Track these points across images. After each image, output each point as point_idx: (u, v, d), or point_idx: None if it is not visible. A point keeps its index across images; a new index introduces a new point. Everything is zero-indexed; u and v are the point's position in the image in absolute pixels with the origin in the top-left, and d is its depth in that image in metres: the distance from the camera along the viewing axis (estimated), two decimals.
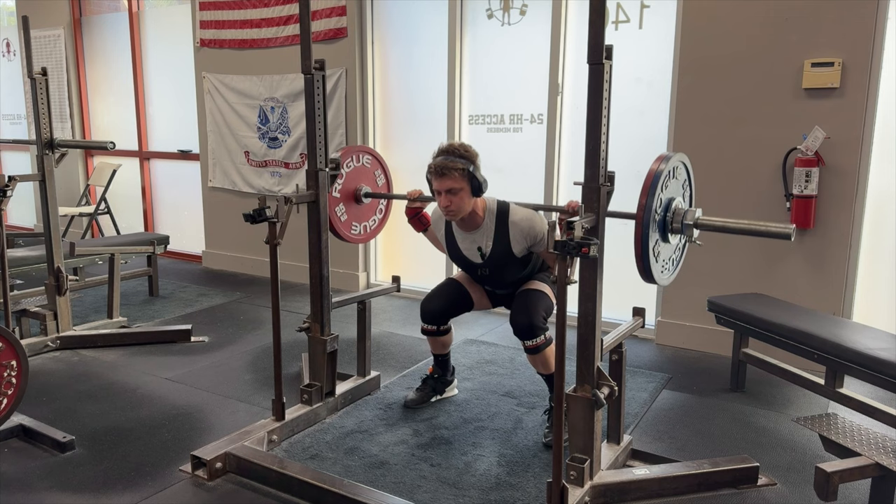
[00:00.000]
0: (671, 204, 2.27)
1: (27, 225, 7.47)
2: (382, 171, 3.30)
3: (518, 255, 2.76)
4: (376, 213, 3.34)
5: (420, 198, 2.99)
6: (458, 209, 2.68)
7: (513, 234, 2.73)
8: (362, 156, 3.20)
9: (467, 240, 2.83)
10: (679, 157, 2.31)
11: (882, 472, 2.14)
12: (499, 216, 2.76)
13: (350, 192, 3.15)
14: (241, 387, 3.33)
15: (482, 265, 2.83)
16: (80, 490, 2.41)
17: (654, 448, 2.71)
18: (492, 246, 2.78)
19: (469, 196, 2.67)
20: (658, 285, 2.33)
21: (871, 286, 3.53)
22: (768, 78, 3.50)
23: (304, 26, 2.74)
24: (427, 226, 3.04)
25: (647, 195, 2.15)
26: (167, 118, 6.29)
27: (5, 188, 3.25)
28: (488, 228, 2.77)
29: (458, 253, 2.88)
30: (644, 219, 2.15)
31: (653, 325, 4.00)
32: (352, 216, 3.19)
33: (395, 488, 2.42)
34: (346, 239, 3.20)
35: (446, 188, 2.64)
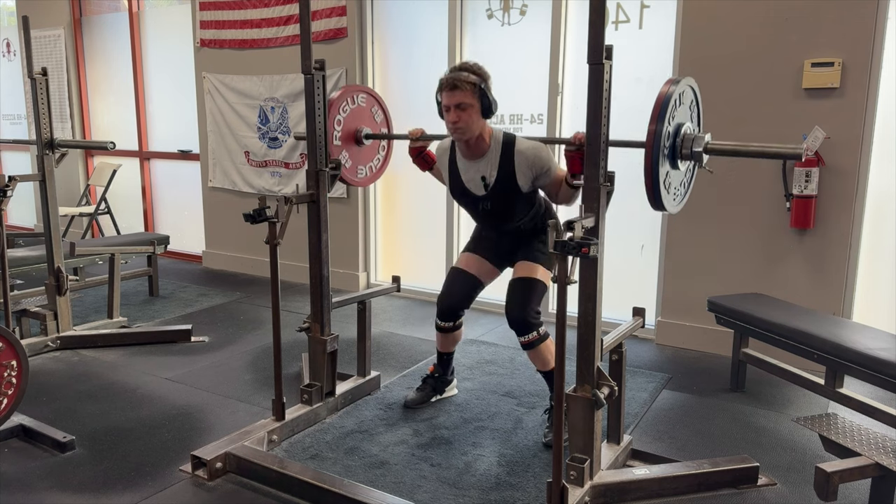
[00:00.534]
0: (680, 130, 2.20)
1: (27, 225, 7.47)
2: (379, 106, 3.23)
3: (522, 187, 2.68)
4: (379, 150, 3.28)
5: (422, 137, 2.93)
6: (465, 127, 2.61)
7: (518, 163, 2.66)
8: (357, 95, 3.11)
9: (471, 169, 2.75)
10: (687, 80, 2.23)
11: (882, 472, 2.14)
12: (505, 145, 2.68)
13: (350, 134, 3.08)
14: (241, 387, 3.33)
15: (484, 198, 2.76)
16: (80, 490, 2.41)
17: (654, 448, 2.71)
18: (496, 176, 2.69)
19: (478, 115, 2.61)
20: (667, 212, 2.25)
21: (871, 286, 3.53)
22: (768, 78, 3.50)
23: (304, 26, 2.74)
24: (432, 163, 2.97)
25: (656, 121, 2.08)
26: (167, 118, 6.29)
27: (5, 188, 3.25)
28: (493, 157, 2.70)
29: (460, 186, 2.80)
30: (654, 147, 2.08)
31: (653, 325, 4.00)
32: (355, 160, 3.12)
33: (395, 488, 2.42)
34: (354, 183, 3.16)
35: (456, 102, 2.57)
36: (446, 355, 3.13)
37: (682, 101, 2.22)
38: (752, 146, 2.22)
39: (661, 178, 2.14)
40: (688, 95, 2.26)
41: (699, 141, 2.20)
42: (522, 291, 2.76)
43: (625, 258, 4.17)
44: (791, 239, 3.56)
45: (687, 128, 2.23)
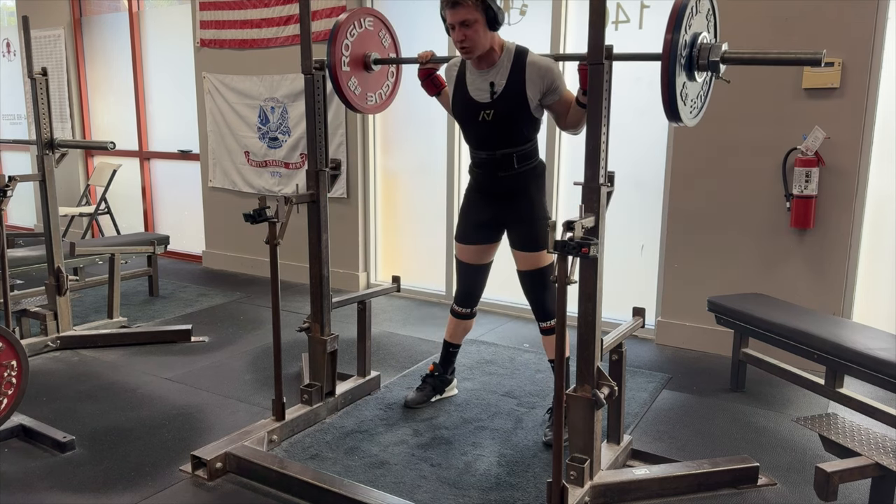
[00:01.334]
0: (697, 39, 2.12)
1: (27, 225, 7.47)
2: (387, 30, 3.13)
3: (531, 100, 2.61)
4: (388, 76, 3.19)
5: (432, 59, 2.83)
6: (473, 44, 2.54)
7: (529, 73, 2.59)
8: (364, 19, 3.00)
9: (480, 78, 2.67)
10: None
11: (882, 472, 2.14)
12: (517, 55, 2.62)
13: (359, 59, 2.98)
14: (241, 387, 3.33)
15: (488, 105, 2.65)
16: (80, 490, 2.41)
17: (654, 448, 2.71)
18: (505, 84, 2.62)
19: (485, 29, 2.53)
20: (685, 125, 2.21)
21: (871, 286, 3.53)
22: (768, 78, 3.50)
23: (305, 26, 2.74)
24: (440, 88, 2.89)
25: (672, 30, 2.00)
26: (167, 118, 6.29)
27: (5, 188, 3.25)
28: (504, 66, 2.62)
29: (464, 95, 2.71)
30: (671, 57, 2.01)
31: (653, 325, 4.00)
32: (364, 86, 3.04)
33: (395, 488, 2.42)
34: (364, 110, 3.09)
35: (460, 20, 2.49)
36: (452, 347, 3.14)
37: (699, 10, 2.15)
38: (771, 54, 2.16)
39: (678, 90, 2.07)
40: (704, 4, 2.18)
41: (716, 50, 2.13)
42: (538, 281, 2.80)
43: (625, 258, 4.17)
44: (791, 239, 3.56)
45: (703, 37, 2.16)
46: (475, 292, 3.04)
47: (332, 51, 2.82)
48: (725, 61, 2.15)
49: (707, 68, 2.15)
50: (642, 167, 4.04)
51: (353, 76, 2.95)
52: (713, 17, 2.26)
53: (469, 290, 3.03)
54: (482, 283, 3.04)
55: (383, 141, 5.03)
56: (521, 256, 2.82)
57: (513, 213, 2.80)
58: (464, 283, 3.03)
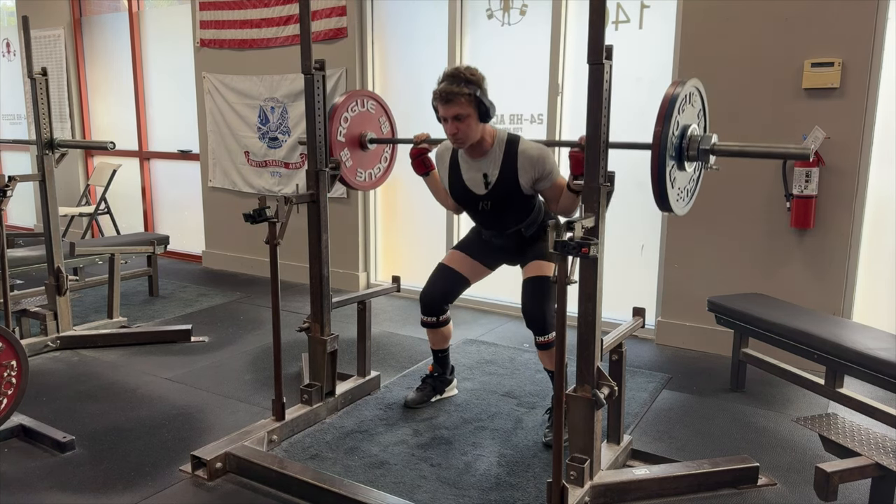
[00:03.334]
0: (687, 131, 2.21)
1: (27, 225, 7.47)
2: (387, 118, 3.23)
3: (524, 187, 2.68)
4: (381, 160, 3.27)
5: (427, 140, 2.93)
6: (465, 136, 2.61)
7: (521, 162, 2.65)
8: (367, 101, 3.12)
9: (473, 167, 2.74)
10: (693, 82, 2.24)
11: (882, 472, 2.14)
12: (508, 144, 2.68)
13: (355, 137, 3.08)
14: (241, 387, 3.33)
15: (485, 197, 2.74)
16: (80, 490, 2.41)
17: (654, 448, 2.71)
18: (498, 174, 2.68)
19: (476, 122, 2.60)
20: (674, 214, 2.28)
21: (871, 286, 3.53)
22: (768, 78, 3.50)
23: (304, 26, 2.74)
24: (430, 169, 2.95)
25: (663, 121, 2.09)
26: (167, 118, 6.29)
27: (5, 188, 3.25)
28: (496, 156, 2.69)
29: (460, 184, 2.79)
30: (661, 146, 2.09)
31: (653, 325, 4.00)
32: (357, 162, 3.12)
33: (395, 488, 2.42)
34: (352, 185, 3.15)
35: (453, 115, 2.57)
36: (440, 352, 3.12)
37: (691, 102, 2.23)
38: (759, 147, 2.25)
39: (667, 180, 2.14)
40: (695, 97, 2.26)
41: (706, 141, 2.20)
42: (539, 291, 2.75)
43: (625, 258, 4.17)
44: (791, 239, 3.56)
45: (693, 129, 2.23)
46: (442, 298, 2.96)
47: (332, 120, 2.90)
48: (715, 152, 2.22)
49: (696, 159, 2.23)
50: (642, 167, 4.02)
51: (346, 148, 3.05)
52: (703, 110, 2.34)
53: (434, 295, 2.95)
54: (453, 293, 2.97)
55: None
56: (531, 265, 2.82)
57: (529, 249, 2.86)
58: (431, 287, 2.95)
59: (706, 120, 2.39)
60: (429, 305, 2.97)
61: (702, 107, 2.34)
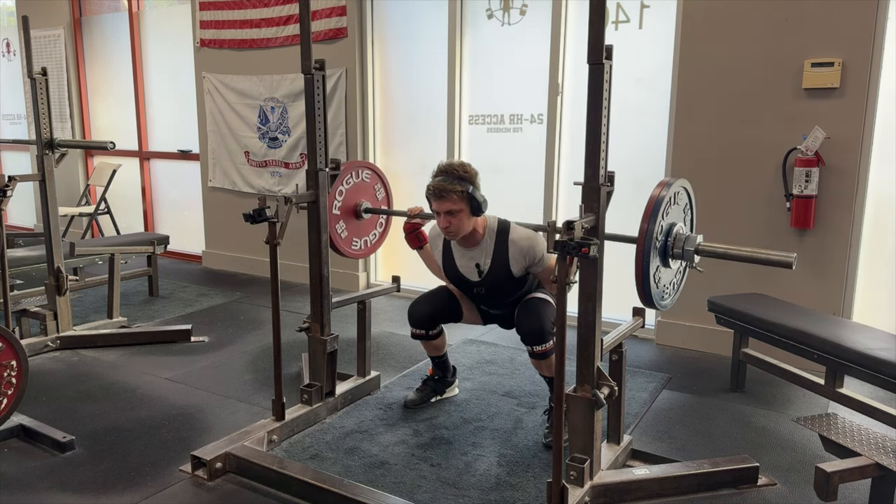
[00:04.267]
0: (672, 229, 2.26)
1: (27, 225, 7.47)
2: (382, 184, 3.30)
3: (516, 274, 2.75)
4: (376, 227, 3.34)
5: (420, 215, 2.98)
6: (457, 230, 2.68)
7: (512, 252, 2.72)
8: (362, 171, 3.20)
9: (465, 256, 2.82)
10: (681, 182, 2.30)
11: (882, 472, 2.14)
12: (499, 234, 2.75)
13: (350, 208, 3.15)
14: (241, 387, 3.33)
15: (479, 284, 2.82)
16: (80, 490, 2.41)
17: (654, 448, 2.71)
18: (490, 264, 2.76)
19: (468, 216, 2.67)
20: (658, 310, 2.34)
21: (871, 286, 3.53)
22: (768, 78, 3.50)
23: (304, 26, 2.74)
24: (423, 243, 3.02)
25: (648, 220, 2.14)
26: (167, 118, 6.29)
27: (5, 188, 3.25)
28: (487, 246, 2.76)
29: (454, 271, 2.86)
30: (645, 244, 2.13)
31: (653, 325, 4.00)
32: (352, 232, 3.19)
33: (395, 488, 2.42)
34: (347, 255, 3.21)
35: (445, 210, 2.64)
36: (438, 359, 3.12)
37: (677, 202, 2.28)
38: (744, 251, 2.24)
39: (651, 275, 2.18)
40: (682, 196, 2.32)
41: (691, 241, 2.25)
42: (538, 307, 2.75)
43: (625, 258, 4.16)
44: (791, 239, 3.55)
45: (679, 228, 2.27)
46: (431, 317, 2.95)
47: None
48: (700, 253, 2.26)
49: (681, 257, 2.26)
50: (642, 167, 4.04)
51: (342, 220, 3.10)
52: (690, 211, 2.39)
53: (426, 313, 2.94)
54: (442, 315, 2.97)
55: (383, 141, 5.02)
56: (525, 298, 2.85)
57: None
58: (427, 304, 2.96)
59: (693, 219, 2.44)
60: (415, 320, 2.98)
61: (689, 206, 2.40)
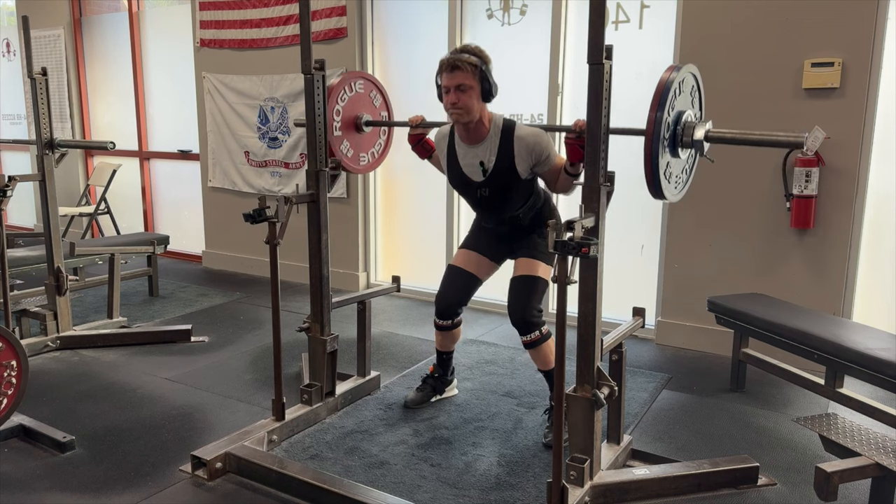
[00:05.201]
0: (681, 117, 2.16)
1: (27, 225, 7.47)
2: (377, 90, 3.19)
3: (521, 173, 2.66)
4: (380, 136, 3.25)
5: (422, 123, 2.92)
6: (465, 108, 2.59)
7: (518, 149, 2.64)
8: (354, 82, 3.08)
9: (470, 154, 2.73)
10: (688, 67, 2.20)
11: (882, 472, 2.14)
12: (504, 130, 2.67)
13: (350, 122, 3.06)
14: (241, 387, 3.33)
15: (482, 184, 2.73)
16: (80, 490, 2.41)
17: (654, 448, 2.71)
18: (495, 161, 2.67)
19: (478, 98, 2.60)
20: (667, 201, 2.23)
21: (871, 286, 3.53)
22: (768, 78, 3.50)
23: (304, 26, 2.74)
24: (431, 152, 2.96)
25: (656, 108, 2.04)
26: (167, 118, 6.29)
27: (5, 188, 3.25)
28: (493, 142, 2.68)
29: (458, 171, 2.78)
30: (654, 133, 2.04)
31: (653, 325, 4.00)
32: (356, 148, 3.10)
33: (395, 488, 2.42)
34: (356, 171, 3.14)
35: (456, 83, 2.56)
36: (445, 354, 3.12)
37: (683, 90, 2.18)
38: (754, 134, 2.18)
39: (661, 167, 2.12)
40: (689, 82, 2.22)
41: (700, 129, 2.16)
42: (524, 290, 2.75)
43: (625, 258, 4.17)
44: (791, 239, 3.56)
45: (688, 115, 2.19)
46: (457, 302, 2.96)
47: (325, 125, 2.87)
48: (710, 140, 2.18)
49: (691, 146, 2.19)
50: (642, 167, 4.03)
51: (345, 139, 3.04)
52: (698, 96, 2.30)
53: (451, 299, 2.95)
54: (467, 295, 2.97)
55: None
56: (519, 261, 2.83)
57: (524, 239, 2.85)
58: (448, 289, 2.95)
59: (702, 107, 2.35)
60: (445, 310, 2.97)
61: (698, 93, 2.30)
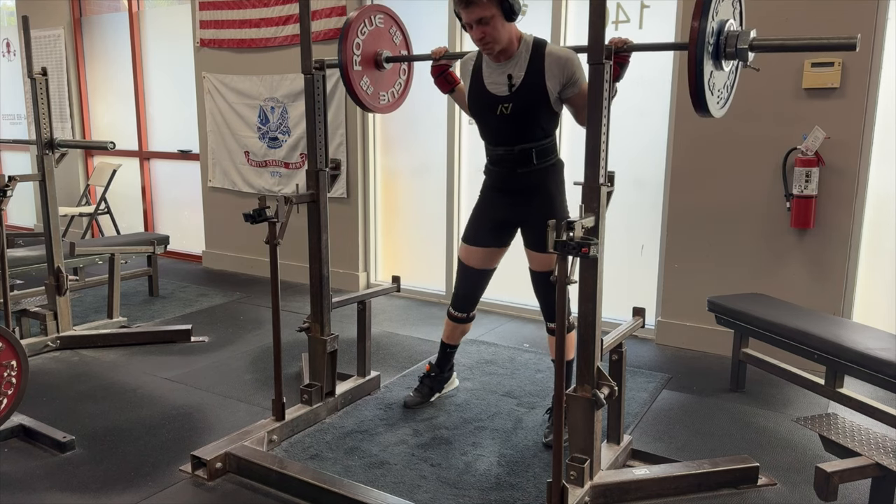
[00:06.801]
0: (724, 27, 2.04)
1: (27, 225, 7.47)
2: (397, 26, 3.07)
3: (551, 92, 2.53)
4: (400, 74, 3.13)
5: (445, 56, 2.79)
6: (493, 39, 2.48)
7: (548, 63, 2.52)
8: (374, 16, 2.92)
9: (497, 70, 2.61)
10: None
11: (882, 472, 2.14)
12: (535, 46, 2.56)
13: (370, 58, 2.91)
14: (241, 387, 3.33)
15: (506, 99, 2.58)
16: (80, 490, 2.41)
17: (654, 448, 2.71)
18: (524, 76, 2.55)
19: (503, 22, 2.47)
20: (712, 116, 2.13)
21: (871, 286, 3.53)
22: (768, 78, 3.50)
23: (304, 26, 2.74)
24: (454, 84, 2.84)
25: (699, 17, 1.92)
26: (167, 118, 6.29)
27: (5, 188, 3.25)
28: (522, 58, 2.56)
29: (481, 89, 2.65)
30: (698, 44, 1.93)
31: (653, 325, 4.00)
32: (377, 85, 2.99)
33: (395, 488, 2.42)
34: (377, 110, 3.05)
35: (476, 18, 2.44)
36: (450, 348, 3.12)
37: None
38: (801, 40, 2.10)
39: (705, 80, 2.00)
40: None
41: (744, 37, 2.04)
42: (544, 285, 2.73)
43: (625, 258, 4.17)
44: (791, 239, 3.56)
45: (731, 24, 2.07)
46: (474, 297, 2.99)
47: (344, 49, 2.77)
48: (754, 48, 2.07)
49: (735, 56, 2.08)
50: (642, 167, 4.04)
51: (364, 75, 2.91)
52: (739, 3, 2.19)
53: (468, 295, 2.97)
54: (482, 288, 2.98)
55: (383, 141, 5.02)
56: (536, 257, 2.75)
57: (531, 211, 2.70)
58: (464, 286, 2.97)
59: (743, 14, 2.23)
60: (463, 305, 2.99)
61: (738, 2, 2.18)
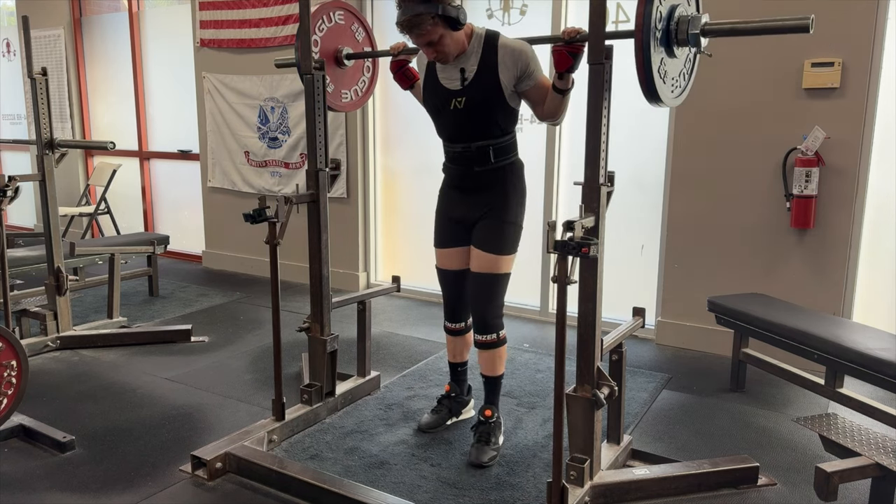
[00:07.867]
0: (674, 13, 1.98)
1: (27, 225, 7.47)
2: (359, 23, 2.99)
3: (505, 87, 2.46)
4: (363, 72, 3.04)
5: (404, 50, 2.73)
6: (446, 53, 2.45)
7: (501, 56, 2.45)
8: (334, 13, 2.86)
9: (450, 67, 2.54)
10: None
11: (882, 472, 2.14)
12: (487, 39, 2.49)
13: (329, 54, 2.85)
14: (241, 387, 3.33)
15: (459, 93, 2.51)
16: (80, 490, 2.41)
17: (654, 448, 2.71)
18: (476, 69, 2.48)
19: (451, 36, 2.42)
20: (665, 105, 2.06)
21: (871, 286, 3.53)
22: (768, 78, 3.50)
23: (304, 26, 2.74)
24: (413, 80, 2.76)
25: (644, 3, 1.86)
26: (167, 118, 6.29)
27: (5, 188, 3.25)
28: (475, 51, 2.49)
29: (434, 84, 2.58)
30: (644, 33, 1.87)
31: (653, 325, 4.00)
32: (338, 84, 2.91)
33: (395, 488, 2.42)
34: (339, 108, 2.98)
35: (424, 42, 2.41)
36: (459, 366, 2.92)
37: None
38: (753, 23, 2.02)
39: (654, 68, 1.94)
40: None
41: (695, 22, 1.98)
42: (486, 289, 2.61)
43: (625, 258, 4.17)
44: (791, 239, 3.56)
45: (682, 10, 2.01)
46: (461, 302, 2.79)
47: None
48: (706, 34, 2.02)
49: (687, 43, 2.03)
50: (642, 167, 4.04)
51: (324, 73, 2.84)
52: None
53: (454, 301, 2.80)
54: (466, 291, 2.76)
55: (383, 141, 5.02)
56: (478, 255, 2.61)
57: (483, 209, 2.61)
58: (447, 293, 2.81)
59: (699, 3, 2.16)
60: (452, 315, 2.84)
61: None
